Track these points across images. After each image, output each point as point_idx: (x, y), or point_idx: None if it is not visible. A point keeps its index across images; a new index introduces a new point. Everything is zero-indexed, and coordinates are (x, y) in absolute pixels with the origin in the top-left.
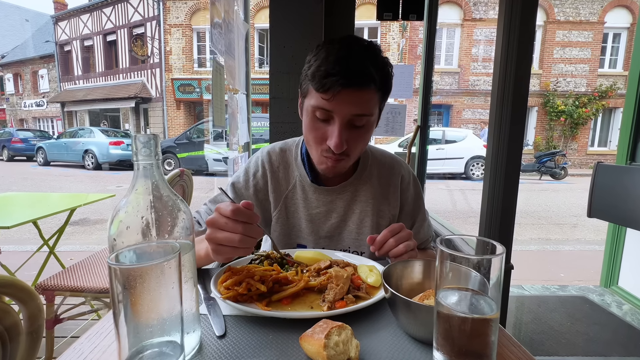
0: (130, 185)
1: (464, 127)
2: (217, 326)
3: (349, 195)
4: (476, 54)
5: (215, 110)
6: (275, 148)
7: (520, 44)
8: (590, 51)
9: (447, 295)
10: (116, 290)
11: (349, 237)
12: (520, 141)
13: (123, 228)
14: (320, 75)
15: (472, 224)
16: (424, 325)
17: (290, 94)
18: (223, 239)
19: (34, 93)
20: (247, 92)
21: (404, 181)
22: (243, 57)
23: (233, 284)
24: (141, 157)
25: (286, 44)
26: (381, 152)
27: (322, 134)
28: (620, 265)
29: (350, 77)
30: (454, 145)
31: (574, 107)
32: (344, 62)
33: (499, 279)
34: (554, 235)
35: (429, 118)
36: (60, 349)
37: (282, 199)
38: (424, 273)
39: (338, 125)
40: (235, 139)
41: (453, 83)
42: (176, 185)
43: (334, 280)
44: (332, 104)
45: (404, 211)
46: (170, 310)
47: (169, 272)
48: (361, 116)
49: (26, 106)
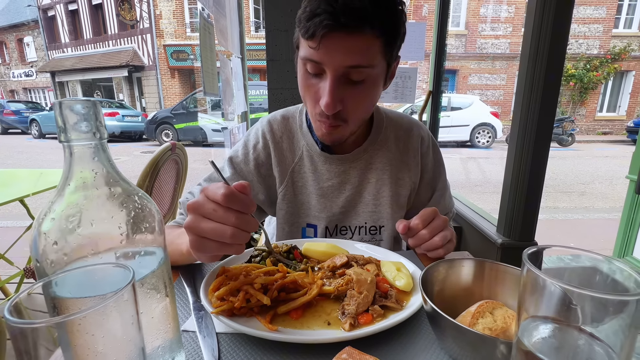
0: (61, 179)
1: (470, 92)
2: (208, 351)
3: (363, 163)
4: (485, 15)
5: (205, 75)
6: (277, 116)
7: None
8: (605, 10)
9: (533, 329)
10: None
11: (364, 210)
12: (553, 108)
13: (49, 245)
14: (306, 16)
15: (478, 193)
16: None
17: (290, 55)
18: (209, 230)
19: (22, 62)
20: (242, 55)
21: (423, 144)
22: (236, 15)
23: (227, 292)
24: (74, 135)
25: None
26: (397, 114)
27: (315, 92)
28: (637, 236)
29: (338, 16)
30: (460, 112)
31: (584, 71)
32: (331, 0)
33: (631, 324)
34: (562, 203)
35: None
36: None
37: (288, 173)
38: (474, 276)
39: (329, 81)
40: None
41: (460, 46)
42: (168, 160)
43: (355, 287)
44: (320, 53)
45: (423, 179)
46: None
47: (118, 310)
48: (357, 68)
49: (15, 76)
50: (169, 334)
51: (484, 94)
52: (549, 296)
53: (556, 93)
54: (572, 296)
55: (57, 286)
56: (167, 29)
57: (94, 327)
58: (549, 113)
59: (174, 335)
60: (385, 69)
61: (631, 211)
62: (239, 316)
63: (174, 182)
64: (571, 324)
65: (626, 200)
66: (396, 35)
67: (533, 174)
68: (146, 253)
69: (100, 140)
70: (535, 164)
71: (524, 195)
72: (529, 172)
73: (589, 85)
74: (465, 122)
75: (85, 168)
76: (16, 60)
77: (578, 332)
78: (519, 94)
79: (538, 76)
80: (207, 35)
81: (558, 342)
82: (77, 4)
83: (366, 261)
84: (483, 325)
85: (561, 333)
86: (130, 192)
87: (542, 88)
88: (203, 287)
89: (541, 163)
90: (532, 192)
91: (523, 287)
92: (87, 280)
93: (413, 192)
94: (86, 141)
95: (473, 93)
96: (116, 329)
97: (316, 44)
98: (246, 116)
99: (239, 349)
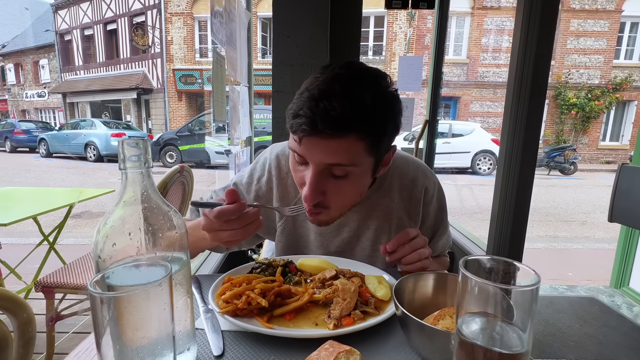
0: (118, 196)
1: (472, 120)
2: (215, 345)
3: (364, 209)
4: (486, 44)
5: (215, 104)
6: (286, 152)
7: (541, 28)
8: (605, 41)
9: (469, 322)
10: (100, 315)
11: (361, 254)
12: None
13: (109, 245)
14: (291, 114)
15: (478, 221)
16: (439, 352)
17: (294, 87)
18: (224, 237)
19: (35, 83)
20: (249, 84)
21: (427, 194)
22: (245, 48)
23: (232, 297)
24: (129, 164)
25: (290, 33)
26: (404, 161)
27: (300, 178)
28: (633, 266)
29: (316, 123)
30: (461, 139)
31: (586, 100)
32: (313, 103)
33: (532, 310)
34: (562, 232)
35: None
36: (62, 344)
37: None
38: (438, 287)
39: (311, 174)
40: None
41: (461, 74)
42: (176, 182)
43: (340, 294)
44: (302, 149)
45: (425, 224)
46: (160, 334)
47: (159, 295)
48: (339, 166)
49: (28, 97)
50: (187, 324)
51: (486, 121)
52: (478, 294)
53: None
54: (489, 291)
55: (112, 276)
56: (177, 54)
57: (138, 306)
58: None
59: (190, 327)
60: (372, 164)
61: (626, 242)
62: (241, 316)
63: (180, 202)
64: (496, 315)
65: (621, 232)
66: (383, 134)
67: (519, 202)
68: (174, 256)
69: (147, 168)
70: (520, 192)
71: (511, 222)
72: (514, 201)
73: (591, 114)
74: (467, 149)
75: (135, 189)
76: (30, 81)
77: (500, 321)
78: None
79: (522, 105)
80: (219, 68)
81: (486, 330)
82: (93, 30)
83: (352, 274)
84: (442, 325)
85: (488, 322)
86: (166, 209)
87: (526, 118)
88: (211, 292)
89: (526, 192)
90: (518, 219)
91: (460, 288)
92: (134, 273)
93: None
94: (137, 169)
95: (474, 120)
96: (153, 311)
97: (298, 140)
98: (250, 141)
99: (240, 343)
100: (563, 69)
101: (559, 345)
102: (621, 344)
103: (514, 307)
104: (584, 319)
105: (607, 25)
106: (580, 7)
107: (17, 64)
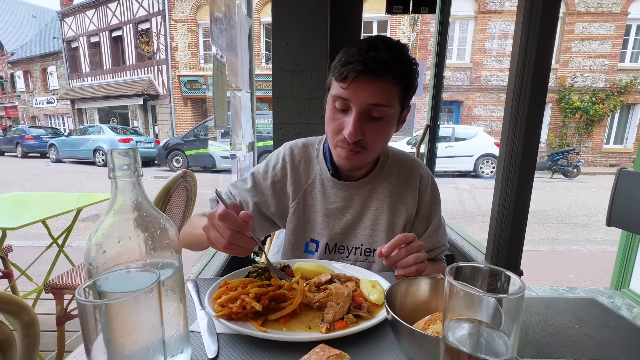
0: (108, 204)
1: (475, 124)
2: (209, 347)
3: (366, 192)
4: (490, 48)
5: (217, 110)
6: (298, 143)
7: (541, 35)
8: (611, 44)
9: (455, 328)
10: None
11: (362, 233)
12: (536, 140)
13: (99, 252)
14: (340, 64)
15: (480, 223)
16: (429, 356)
17: (294, 93)
18: (211, 237)
19: (44, 90)
20: (251, 90)
21: (422, 182)
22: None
23: (227, 300)
24: (119, 173)
25: (290, 40)
26: (402, 153)
27: (340, 124)
28: (633, 268)
29: (367, 64)
30: (464, 143)
31: (590, 104)
32: (363, 52)
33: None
34: (563, 235)
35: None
36: (73, 342)
37: (300, 192)
38: (430, 292)
39: (354, 114)
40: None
41: (465, 79)
42: (180, 187)
43: (334, 298)
44: (349, 92)
45: (419, 213)
46: (150, 340)
47: (148, 302)
48: (378, 106)
49: (37, 103)
50: (180, 328)
51: (489, 125)
52: (464, 302)
53: (538, 129)
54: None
55: (104, 283)
56: (182, 60)
57: (128, 312)
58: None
59: (183, 331)
60: (399, 112)
61: (627, 244)
62: (236, 320)
63: (184, 207)
64: (481, 321)
65: (622, 234)
66: (411, 86)
67: (518, 206)
68: (166, 263)
69: (137, 177)
70: (519, 196)
71: (510, 226)
72: (513, 205)
73: (595, 117)
74: (470, 153)
75: (125, 197)
76: (39, 88)
77: (485, 326)
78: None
79: (522, 109)
80: (220, 74)
81: (471, 336)
82: (99, 37)
83: (347, 279)
84: (432, 330)
85: (474, 328)
86: (156, 216)
87: (526, 122)
88: (207, 296)
89: (525, 196)
90: (517, 223)
91: (447, 295)
92: (125, 279)
93: (408, 223)
94: (127, 178)
95: (477, 124)
96: (144, 317)
97: (347, 85)
98: (253, 146)
99: (234, 346)
100: (567, 73)
101: (558, 346)
102: (621, 345)
103: (500, 314)
104: (584, 320)
105: (613, 28)
106: (585, 9)
107: (26, 71)
